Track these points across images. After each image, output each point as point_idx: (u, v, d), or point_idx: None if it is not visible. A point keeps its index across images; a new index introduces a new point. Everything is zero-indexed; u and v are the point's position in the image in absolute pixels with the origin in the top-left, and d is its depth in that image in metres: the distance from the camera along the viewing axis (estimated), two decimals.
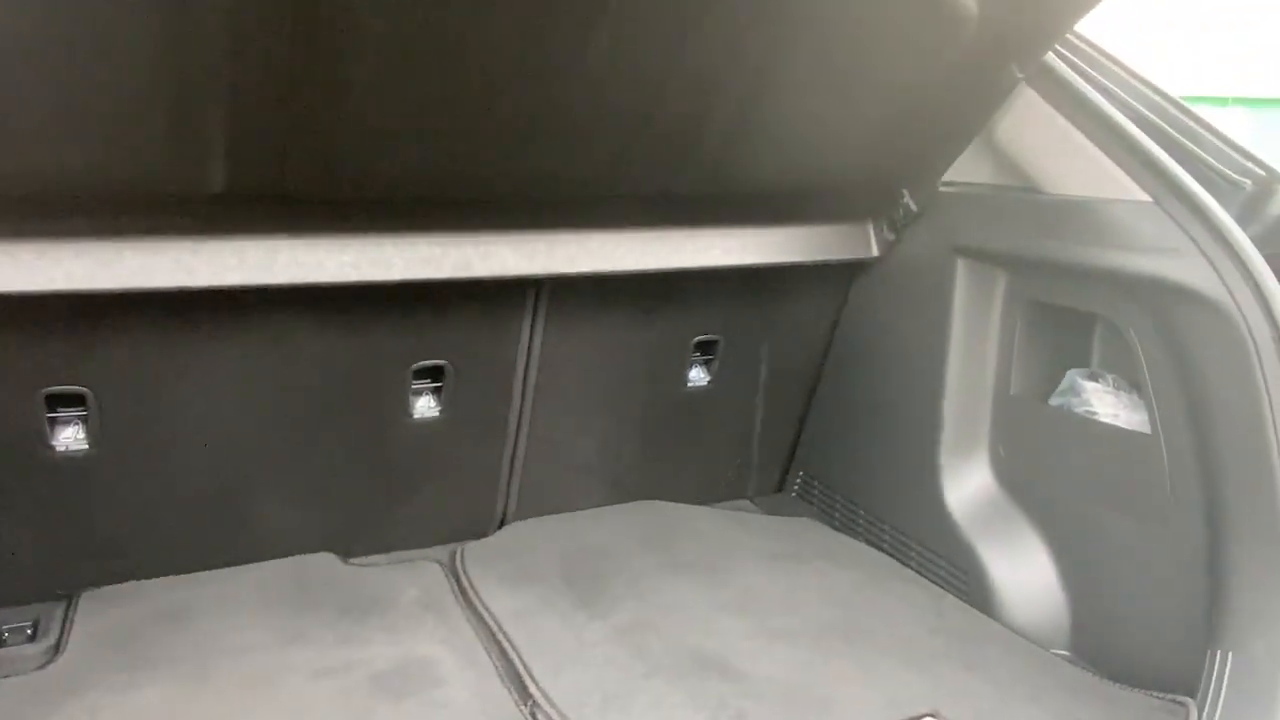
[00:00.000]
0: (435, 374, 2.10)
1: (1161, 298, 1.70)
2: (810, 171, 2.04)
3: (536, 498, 2.35)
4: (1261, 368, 1.55)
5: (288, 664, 1.72)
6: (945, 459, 2.12)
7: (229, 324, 1.85)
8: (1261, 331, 1.55)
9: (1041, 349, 2.05)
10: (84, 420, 1.83)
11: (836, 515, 2.45)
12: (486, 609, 1.93)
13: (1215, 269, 1.60)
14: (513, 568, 2.09)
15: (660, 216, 2.03)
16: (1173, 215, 1.67)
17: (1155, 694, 1.69)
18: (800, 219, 2.18)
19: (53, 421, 1.81)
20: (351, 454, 2.09)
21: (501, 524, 2.33)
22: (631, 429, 2.40)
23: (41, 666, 1.72)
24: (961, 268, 2.07)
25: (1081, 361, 2.02)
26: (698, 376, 2.42)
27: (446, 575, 2.07)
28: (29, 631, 1.83)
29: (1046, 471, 2.00)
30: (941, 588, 2.09)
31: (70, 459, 1.84)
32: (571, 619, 1.90)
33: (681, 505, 2.44)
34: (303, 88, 1.46)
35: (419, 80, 1.53)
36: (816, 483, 2.55)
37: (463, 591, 2.01)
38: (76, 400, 1.80)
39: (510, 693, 1.68)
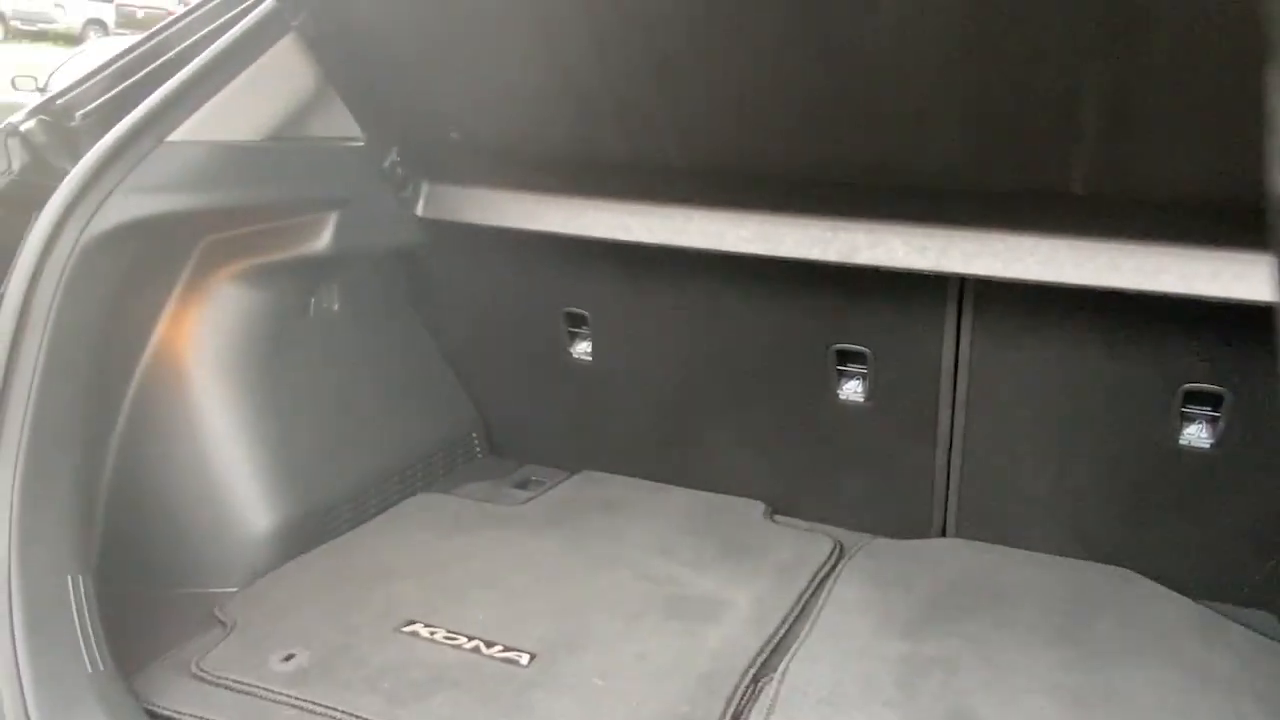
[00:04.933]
0: (859, 359, 2.14)
1: None
2: None
3: (980, 520, 2.20)
4: None
5: (637, 562, 2.05)
6: None
7: (673, 279, 2.22)
8: None
9: None
10: (587, 338, 2.41)
11: None
12: (826, 593, 1.96)
13: None
14: (893, 574, 2.04)
15: (1118, 226, 1.73)
16: None
17: None
18: None
19: (571, 335, 2.44)
20: (781, 419, 2.28)
21: (943, 535, 2.25)
22: (1098, 477, 2.05)
23: (520, 503, 2.36)
24: None
25: None
26: (1196, 435, 1.95)
27: (831, 556, 2.13)
28: (543, 483, 2.50)
29: None
30: None
31: (581, 365, 2.45)
32: (884, 638, 1.82)
33: (1161, 589, 2.00)
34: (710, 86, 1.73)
35: (796, 76, 1.67)
36: None
37: (825, 574, 2.06)
38: (582, 320, 2.39)
39: (758, 657, 1.74)
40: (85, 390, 1.65)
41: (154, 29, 1.88)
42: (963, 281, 1.97)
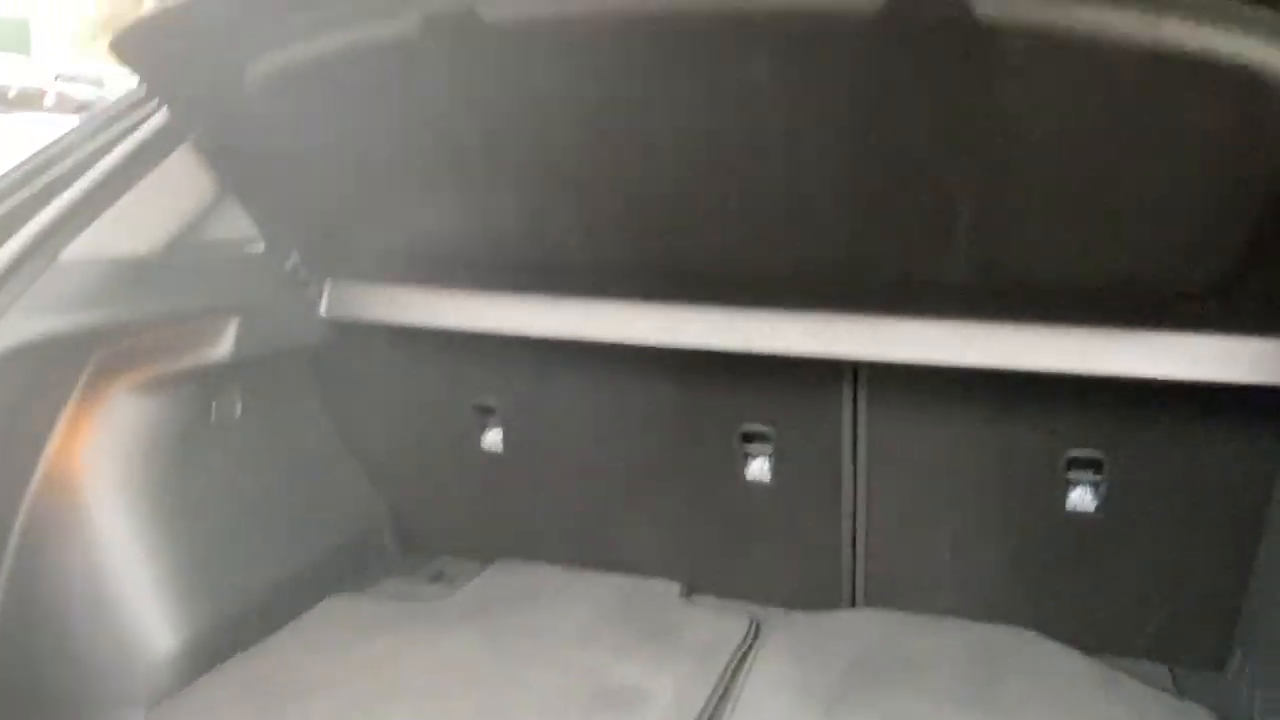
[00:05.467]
0: (764, 439, 2.21)
1: None
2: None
3: (888, 588, 2.26)
4: None
5: (557, 654, 2.04)
6: None
7: (580, 368, 2.27)
8: None
9: None
10: (498, 428, 2.42)
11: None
12: (745, 672, 1.99)
13: None
14: (808, 649, 2.08)
15: (995, 311, 1.84)
16: None
17: None
18: (1209, 327, 1.73)
19: (481, 427, 2.44)
20: (692, 500, 2.32)
21: (853, 604, 2.31)
22: (995, 543, 2.15)
23: (439, 598, 2.33)
24: None
25: None
26: (1081, 499, 2.06)
27: (748, 634, 2.16)
28: (458, 576, 2.47)
29: None
30: None
31: (492, 455, 2.45)
32: (803, 715, 1.84)
33: (1061, 648, 2.09)
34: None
35: (691, 181, 1.75)
36: (1263, 668, 1.93)
37: (744, 652, 2.09)
38: (491, 411, 2.40)
39: None
40: None
41: (41, 149, 1.84)
42: (854, 367, 2.06)
